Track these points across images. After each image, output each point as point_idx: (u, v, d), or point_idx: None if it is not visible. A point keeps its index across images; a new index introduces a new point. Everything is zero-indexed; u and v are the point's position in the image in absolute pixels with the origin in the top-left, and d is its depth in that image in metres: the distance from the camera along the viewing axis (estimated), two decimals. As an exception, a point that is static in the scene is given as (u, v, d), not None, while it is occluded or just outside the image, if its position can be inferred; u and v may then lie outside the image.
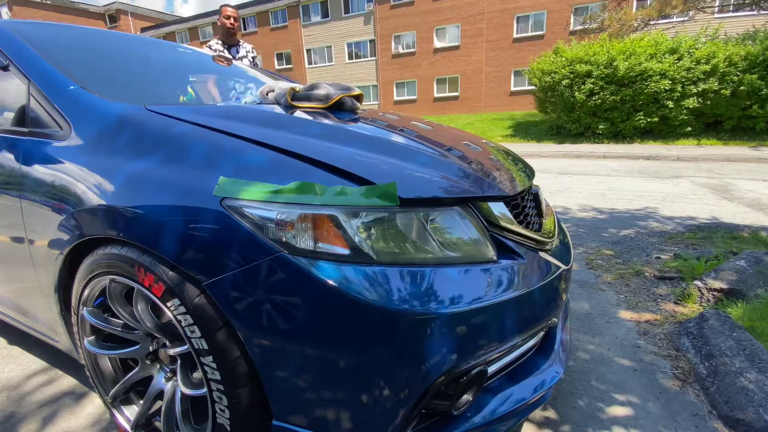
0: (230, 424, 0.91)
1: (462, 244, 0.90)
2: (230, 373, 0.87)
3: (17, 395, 1.44)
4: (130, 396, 1.19)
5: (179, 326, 0.90)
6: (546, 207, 1.37)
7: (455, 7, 20.55)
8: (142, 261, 0.92)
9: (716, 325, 1.57)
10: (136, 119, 1.07)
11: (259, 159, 0.90)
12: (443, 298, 0.81)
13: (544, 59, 10.70)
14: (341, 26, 24.24)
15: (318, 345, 0.81)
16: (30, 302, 1.33)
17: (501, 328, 0.89)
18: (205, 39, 29.35)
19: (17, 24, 1.51)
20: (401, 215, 0.86)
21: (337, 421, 0.85)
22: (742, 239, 2.83)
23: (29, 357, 1.66)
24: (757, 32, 9.01)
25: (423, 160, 1.00)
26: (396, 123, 1.42)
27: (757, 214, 3.63)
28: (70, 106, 1.14)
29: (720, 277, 1.99)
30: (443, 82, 22.10)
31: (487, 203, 0.97)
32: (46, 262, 1.14)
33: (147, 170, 0.95)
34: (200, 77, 1.95)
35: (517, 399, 0.98)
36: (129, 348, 1.11)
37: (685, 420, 1.25)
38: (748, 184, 4.97)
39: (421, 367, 0.80)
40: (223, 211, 0.83)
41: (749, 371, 1.29)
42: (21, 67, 1.24)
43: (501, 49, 20.08)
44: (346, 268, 0.79)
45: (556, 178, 5.67)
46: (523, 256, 0.98)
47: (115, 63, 1.64)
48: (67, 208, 1.04)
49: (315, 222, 0.81)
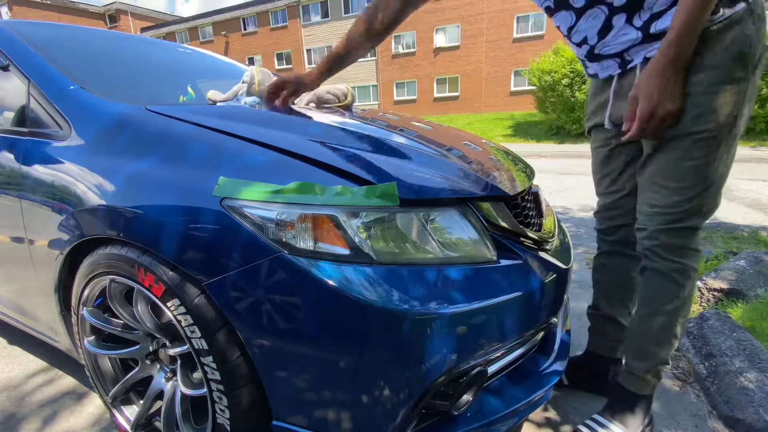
0: (230, 424, 0.92)
1: (462, 244, 0.90)
2: (230, 373, 0.87)
3: (18, 395, 1.44)
4: (130, 396, 1.19)
5: (179, 326, 0.90)
6: (546, 207, 1.37)
7: (455, 7, 20.56)
8: (142, 261, 0.92)
9: (716, 325, 1.57)
10: (136, 119, 1.07)
11: (259, 159, 0.91)
12: (443, 298, 0.81)
13: (544, 59, 10.71)
14: (341, 26, 24.24)
15: (318, 345, 0.81)
16: (30, 302, 1.33)
17: (501, 328, 0.89)
18: (205, 39, 29.39)
19: (17, 24, 1.51)
20: (401, 215, 0.86)
21: (337, 421, 0.85)
22: (742, 239, 2.83)
23: (29, 357, 1.66)
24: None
25: (423, 160, 1.00)
26: (396, 123, 1.42)
27: (757, 214, 3.63)
28: (70, 106, 1.14)
29: (720, 277, 1.99)
30: (443, 82, 22.12)
31: (487, 203, 0.97)
32: (46, 262, 1.14)
33: (147, 170, 0.95)
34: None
35: (517, 399, 0.98)
36: (129, 348, 1.11)
37: (685, 420, 1.25)
38: (748, 184, 4.97)
39: (421, 367, 0.80)
40: (223, 211, 0.83)
41: (749, 371, 1.29)
42: (21, 67, 1.24)
43: (501, 49, 20.09)
44: (346, 268, 0.79)
45: (556, 178, 5.67)
46: (523, 256, 0.98)
47: (115, 63, 1.64)
48: (67, 208, 1.04)
49: (315, 222, 0.81)
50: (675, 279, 1.04)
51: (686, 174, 0.97)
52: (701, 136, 0.93)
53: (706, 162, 0.95)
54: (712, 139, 0.93)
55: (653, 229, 1.04)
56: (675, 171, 0.98)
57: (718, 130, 0.92)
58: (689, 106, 0.93)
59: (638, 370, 1.11)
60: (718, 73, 0.89)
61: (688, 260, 1.03)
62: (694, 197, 0.98)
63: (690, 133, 0.94)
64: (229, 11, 28.07)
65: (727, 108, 0.91)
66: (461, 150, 1.20)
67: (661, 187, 1.01)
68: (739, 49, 0.88)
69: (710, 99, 0.91)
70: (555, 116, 10.63)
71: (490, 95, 20.80)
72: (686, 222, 1.00)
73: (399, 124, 1.42)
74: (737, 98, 0.91)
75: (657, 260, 1.05)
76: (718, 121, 0.91)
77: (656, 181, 1.02)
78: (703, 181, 0.96)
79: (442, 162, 1.02)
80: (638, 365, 1.11)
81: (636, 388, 1.12)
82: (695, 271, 1.04)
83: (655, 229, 1.04)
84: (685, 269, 1.03)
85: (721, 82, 0.89)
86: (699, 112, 0.92)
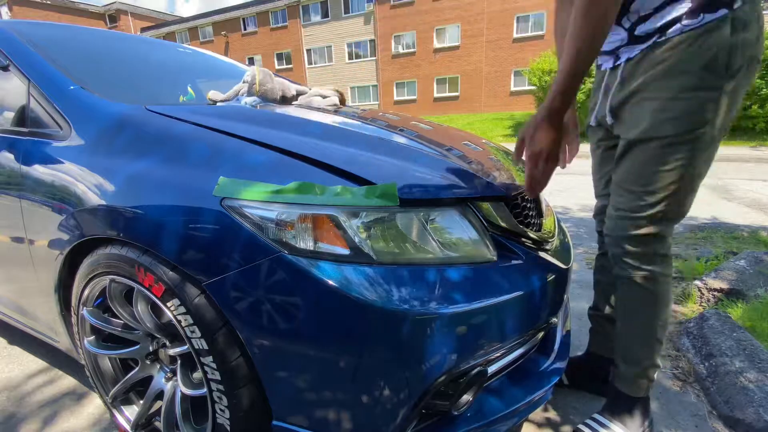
0: (230, 424, 0.92)
1: (462, 244, 0.90)
2: (230, 373, 0.87)
3: (18, 395, 1.44)
4: (130, 396, 1.19)
5: (179, 326, 0.90)
6: (546, 207, 1.37)
7: (455, 7, 20.55)
8: (142, 261, 0.92)
9: (716, 325, 1.57)
10: (136, 119, 1.07)
11: (259, 159, 0.90)
12: (443, 298, 0.81)
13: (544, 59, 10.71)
14: (341, 26, 24.25)
15: (318, 345, 0.81)
16: (30, 302, 1.33)
17: (501, 328, 0.89)
18: (205, 39, 29.39)
19: (17, 24, 1.51)
20: (401, 215, 0.86)
21: (337, 421, 0.85)
22: (742, 239, 2.83)
23: (29, 357, 1.66)
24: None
25: (423, 161, 1.00)
26: (395, 123, 1.42)
27: (757, 214, 3.63)
28: (70, 106, 1.14)
29: (720, 277, 1.99)
30: (443, 82, 22.11)
31: (487, 203, 0.97)
32: (46, 262, 1.14)
33: (147, 170, 0.95)
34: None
35: (517, 399, 0.98)
36: (129, 348, 1.11)
37: (685, 420, 1.25)
38: (748, 184, 4.97)
39: (421, 367, 0.80)
40: (223, 211, 0.83)
41: (749, 371, 1.29)
42: (21, 67, 1.24)
43: (501, 49, 20.09)
44: (346, 268, 0.79)
45: (556, 178, 5.67)
46: (522, 256, 0.98)
47: (115, 63, 1.64)
48: (67, 208, 1.04)
49: (315, 222, 0.81)
50: (644, 287, 1.04)
51: (650, 178, 0.97)
52: (666, 141, 0.93)
53: (671, 167, 0.94)
54: (679, 144, 0.92)
55: (617, 235, 1.04)
56: (640, 175, 0.98)
57: (684, 136, 0.91)
58: (657, 111, 0.92)
59: (628, 374, 1.12)
60: (688, 79, 0.89)
61: (656, 267, 1.02)
62: (657, 203, 0.97)
63: (655, 138, 0.94)
64: (229, 11, 28.07)
65: (695, 115, 0.90)
66: (461, 150, 1.20)
67: (626, 191, 1.01)
68: (712, 56, 0.86)
69: (678, 104, 0.90)
70: (555, 116, 10.63)
71: (490, 95, 20.80)
72: (650, 228, 1.00)
73: (399, 124, 1.42)
74: (708, 105, 0.89)
75: (625, 269, 1.05)
76: (685, 128, 0.91)
77: (622, 185, 1.02)
78: (667, 187, 0.96)
79: (442, 162, 1.02)
80: (627, 369, 1.12)
81: (629, 390, 1.12)
82: (666, 276, 1.04)
83: (619, 235, 1.04)
84: (653, 276, 1.03)
85: (692, 89, 0.89)
86: (665, 117, 0.92)
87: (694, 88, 0.89)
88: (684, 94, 0.90)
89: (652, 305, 1.05)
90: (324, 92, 1.67)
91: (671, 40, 0.89)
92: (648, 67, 0.93)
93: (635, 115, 0.97)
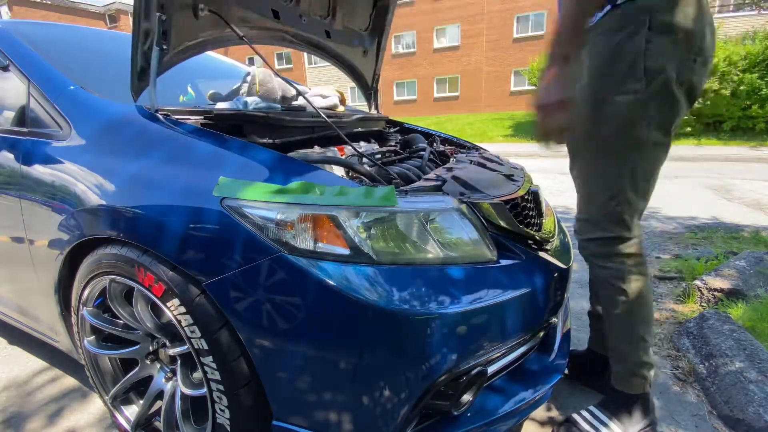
0: (230, 424, 0.91)
1: (462, 244, 0.90)
2: (230, 373, 0.87)
3: (18, 395, 1.44)
4: (130, 396, 1.19)
5: (179, 326, 0.90)
6: (546, 207, 1.37)
7: (455, 7, 20.54)
8: (142, 261, 0.92)
9: (716, 325, 1.57)
10: (136, 119, 1.07)
11: (259, 159, 0.90)
12: (443, 298, 0.81)
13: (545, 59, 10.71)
14: (341, 26, 24.19)
15: (318, 345, 0.81)
16: (30, 302, 1.33)
17: (501, 327, 0.89)
18: (205, 39, 29.29)
19: (17, 24, 1.51)
20: (401, 215, 0.86)
21: (337, 421, 0.85)
22: (742, 239, 2.83)
23: (30, 357, 1.66)
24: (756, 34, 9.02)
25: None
26: None
27: (757, 214, 3.63)
28: (70, 106, 1.14)
29: (720, 277, 1.99)
30: (443, 82, 22.10)
31: (486, 203, 0.97)
32: (46, 262, 1.14)
33: (147, 170, 0.95)
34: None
35: (517, 399, 0.98)
36: (129, 348, 1.11)
37: (685, 420, 1.25)
38: (748, 184, 4.97)
39: (421, 367, 0.80)
40: (224, 211, 0.83)
41: (749, 371, 1.29)
42: (21, 67, 1.24)
43: (501, 49, 20.07)
44: (346, 268, 0.79)
45: (556, 178, 5.66)
46: (523, 256, 0.98)
47: (115, 63, 1.63)
48: (67, 208, 1.04)
49: (315, 222, 0.81)
50: (614, 284, 1.06)
51: (593, 180, 1.00)
52: (600, 142, 0.96)
53: (609, 169, 0.97)
54: (612, 146, 0.95)
55: (581, 238, 1.08)
56: (587, 176, 1.02)
57: (613, 138, 0.94)
58: (591, 111, 0.95)
59: (620, 370, 1.13)
60: (612, 82, 0.92)
61: (623, 265, 1.04)
62: (603, 204, 1.00)
63: (592, 137, 0.97)
64: (229, 11, 28.00)
65: (619, 118, 0.93)
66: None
67: (580, 192, 1.05)
68: (633, 60, 0.89)
69: (605, 107, 0.93)
70: (555, 116, 10.63)
71: (490, 95, 20.78)
72: (607, 232, 1.02)
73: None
74: (634, 109, 0.92)
75: (594, 268, 1.09)
76: (614, 130, 0.94)
77: (577, 186, 1.06)
78: (609, 188, 0.98)
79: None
80: (618, 366, 1.13)
81: (623, 387, 1.13)
82: (638, 274, 1.05)
83: (583, 238, 1.08)
84: (621, 273, 1.04)
85: (616, 92, 0.92)
86: (597, 118, 0.95)
87: (619, 93, 0.92)
88: (610, 96, 0.94)
89: (623, 302, 1.06)
90: (324, 92, 1.66)
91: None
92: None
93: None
